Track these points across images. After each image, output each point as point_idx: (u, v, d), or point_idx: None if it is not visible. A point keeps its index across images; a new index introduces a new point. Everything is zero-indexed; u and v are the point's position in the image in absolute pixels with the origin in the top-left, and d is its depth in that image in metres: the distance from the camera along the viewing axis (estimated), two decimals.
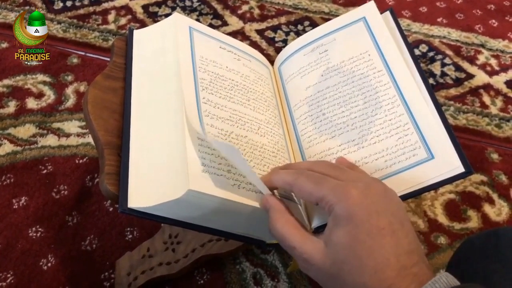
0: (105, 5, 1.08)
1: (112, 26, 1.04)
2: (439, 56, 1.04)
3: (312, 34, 0.58)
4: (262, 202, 0.40)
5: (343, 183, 0.34)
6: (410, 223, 0.34)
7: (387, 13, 0.55)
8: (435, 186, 0.43)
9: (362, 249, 0.32)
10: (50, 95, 0.88)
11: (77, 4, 1.08)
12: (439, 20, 1.13)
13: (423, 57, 1.04)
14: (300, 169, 0.39)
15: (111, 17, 1.06)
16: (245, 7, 1.12)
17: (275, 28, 1.08)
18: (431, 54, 1.04)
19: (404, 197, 0.43)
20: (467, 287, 0.30)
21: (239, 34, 1.05)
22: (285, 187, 0.39)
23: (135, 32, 0.55)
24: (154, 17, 1.07)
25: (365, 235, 0.32)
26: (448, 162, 0.43)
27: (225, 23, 1.08)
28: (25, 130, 0.82)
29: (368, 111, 0.49)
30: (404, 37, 0.53)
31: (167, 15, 1.06)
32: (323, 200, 0.34)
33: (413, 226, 0.35)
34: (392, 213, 0.33)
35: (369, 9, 0.55)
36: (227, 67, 0.53)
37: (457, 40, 1.08)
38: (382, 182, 0.36)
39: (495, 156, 0.86)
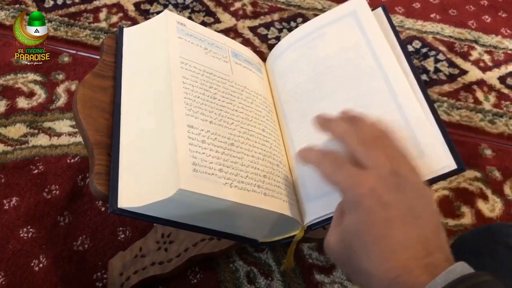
0: (96, 3, 1.07)
1: (103, 24, 1.03)
2: (433, 52, 1.04)
3: (302, 29, 0.58)
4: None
5: (359, 172, 0.35)
6: (433, 215, 0.34)
7: (379, 9, 0.55)
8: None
9: (367, 237, 0.33)
10: (41, 94, 0.87)
11: (68, 2, 1.06)
12: (432, 16, 1.13)
13: (417, 53, 1.04)
14: (326, 150, 0.38)
15: (102, 15, 1.05)
16: (237, 4, 1.11)
17: (268, 25, 1.07)
18: (424, 50, 1.04)
19: None
20: (479, 275, 0.30)
21: (231, 32, 1.05)
22: (313, 166, 0.39)
23: (125, 30, 0.55)
24: (146, 15, 1.06)
25: (370, 225, 0.32)
26: (438, 159, 0.43)
27: (217, 20, 1.07)
28: (16, 130, 0.81)
29: (356, 104, 0.48)
30: (397, 34, 0.53)
31: (159, 13, 1.05)
32: (337, 185, 0.35)
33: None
34: (409, 206, 0.33)
35: (359, 3, 0.55)
36: (215, 66, 0.53)
37: (450, 36, 1.08)
38: (410, 173, 0.35)
39: (488, 152, 0.86)
